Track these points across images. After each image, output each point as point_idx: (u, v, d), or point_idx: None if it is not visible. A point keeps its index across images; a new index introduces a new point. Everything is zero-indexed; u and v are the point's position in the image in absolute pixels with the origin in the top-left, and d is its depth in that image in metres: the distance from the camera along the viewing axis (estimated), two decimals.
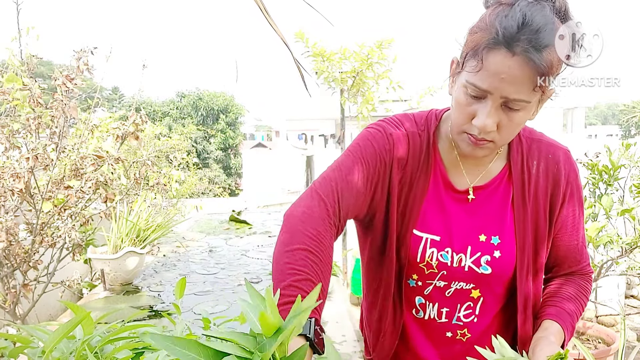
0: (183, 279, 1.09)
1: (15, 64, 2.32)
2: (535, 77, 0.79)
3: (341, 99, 4.23)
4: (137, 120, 2.58)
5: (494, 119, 0.83)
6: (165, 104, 27.71)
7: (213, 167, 25.59)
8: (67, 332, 0.68)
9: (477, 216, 0.97)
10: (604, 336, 2.99)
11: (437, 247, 0.96)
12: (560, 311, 0.97)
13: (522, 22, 0.77)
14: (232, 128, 27.80)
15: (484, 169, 0.99)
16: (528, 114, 0.85)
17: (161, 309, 3.57)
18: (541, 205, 0.97)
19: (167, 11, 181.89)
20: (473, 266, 0.96)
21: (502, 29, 0.78)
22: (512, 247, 0.96)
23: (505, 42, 0.78)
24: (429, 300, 1.00)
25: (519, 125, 0.87)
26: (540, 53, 0.77)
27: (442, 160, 0.99)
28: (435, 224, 0.97)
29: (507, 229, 0.97)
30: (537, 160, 0.98)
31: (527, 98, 0.81)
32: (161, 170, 5.47)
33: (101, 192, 2.40)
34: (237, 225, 7.39)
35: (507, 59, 0.78)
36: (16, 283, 2.31)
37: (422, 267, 0.98)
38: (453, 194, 0.98)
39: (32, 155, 2.04)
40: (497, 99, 0.82)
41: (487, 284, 0.97)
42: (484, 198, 0.98)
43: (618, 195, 2.77)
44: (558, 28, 0.80)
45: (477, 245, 0.96)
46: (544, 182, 0.97)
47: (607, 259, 2.61)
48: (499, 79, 0.79)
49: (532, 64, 0.77)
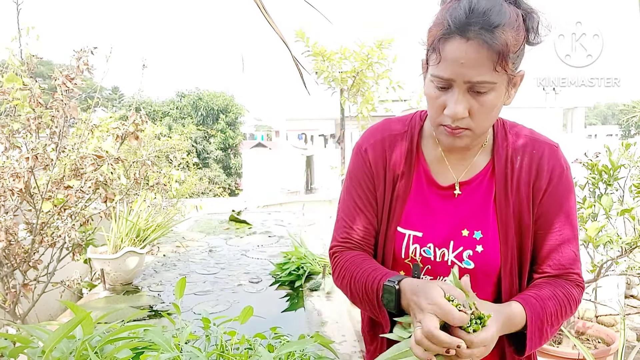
0: (183, 278, 1.09)
1: (15, 64, 2.32)
2: (492, 56, 0.82)
3: (341, 99, 4.23)
4: (137, 120, 2.58)
5: (464, 105, 0.86)
6: (165, 104, 27.70)
7: (213, 167, 25.59)
8: (66, 332, 0.68)
9: (460, 211, 1.00)
10: (604, 336, 2.99)
11: (420, 243, 1.00)
12: (527, 297, 0.94)
13: (469, 9, 0.83)
14: (232, 128, 27.79)
15: (469, 163, 1.01)
16: (498, 97, 0.88)
17: (161, 308, 3.57)
18: (524, 199, 0.98)
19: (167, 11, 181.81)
20: (456, 260, 0.98)
21: (452, 19, 0.83)
22: (495, 242, 0.98)
23: (457, 29, 0.83)
24: None
25: (492, 109, 0.89)
26: (493, 33, 0.81)
27: (425, 159, 1.04)
28: (418, 221, 1.01)
29: (490, 224, 0.98)
30: (521, 156, 1.00)
31: (491, 79, 0.84)
32: (161, 170, 5.47)
33: (101, 192, 2.40)
34: (237, 225, 7.39)
35: (462, 44, 0.83)
36: (16, 283, 2.31)
37: (407, 262, 1.02)
38: (437, 190, 1.02)
39: (32, 155, 2.04)
40: (462, 84, 0.85)
41: (473, 280, 0.95)
42: (468, 193, 1.01)
43: (618, 195, 2.77)
44: (506, 9, 0.84)
45: (460, 240, 0.98)
46: (526, 176, 0.99)
47: (606, 258, 2.61)
48: (459, 65, 0.83)
49: (486, 45, 0.81)
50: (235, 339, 1.35)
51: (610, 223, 2.57)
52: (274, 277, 4.28)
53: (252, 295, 3.92)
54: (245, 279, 4.28)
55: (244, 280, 4.24)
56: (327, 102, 7.36)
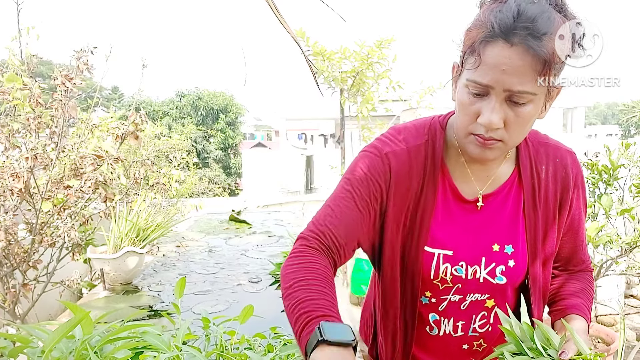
0: (183, 278, 1.09)
1: (15, 64, 2.32)
2: (537, 65, 0.77)
3: (341, 99, 4.23)
4: (136, 120, 2.57)
5: (500, 115, 0.80)
6: (164, 104, 27.66)
7: (213, 167, 25.57)
8: (66, 332, 0.68)
9: (488, 225, 0.95)
10: (604, 336, 2.99)
11: (451, 262, 0.93)
12: (577, 304, 0.97)
13: (517, 13, 0.76)
14: (231, 128, 27.76)
15: (493, 174, 0.95)
16: (536, 110, 0.82)
17: (161, 308, 3.57)
18: (551, 209, 0.96)
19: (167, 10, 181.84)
20: (488, 277, 0.94)
21: (497, 22, 0.77)
22: (524, 255, 0.95)
23: (502, 33, 0.76)
24: (443, 316, 0.98)
25: (528, 122, 0.83)
26: (540, 40, 0.76)
27: (449, 170, 0.96)
28: (447, 238, 0.94)
29: (519, 236, 0.95)
30: (546, 165, 0.96)
31: (532, 90, 0.78)
32: (161, 170, 5.46)
33: (101, 192, 2.40)
34: (236, 225, 7.39)
35: (506, 49, 0.76)
36: (16, 283, 2.31)
37: (436, 283, 0.95)
38: (462, 204, 0.95)
39: (31, 154, 2.04)
40: (501, 93, 0.79)
41: (502, 293, 0.96)
42: (494, 206, 0.95)
43: (618, 195, 2.77)
44: (555, 17, 0.78)
45: (491, 255, 0.94)
46: (553, 186, 0.96)
47: (606, 258, 2.61)
48: (500, 72, 0.77)
49: (532, 52, 0.75)
50: (235, 338, 1.35)
51: (610, 223, 2.57)
52: (274, 276, 4.28)
53: (252, 295, 3.92)
54: (244, 279, 4.29)
55: (243, 280, 4.25)
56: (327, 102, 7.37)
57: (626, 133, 37.12)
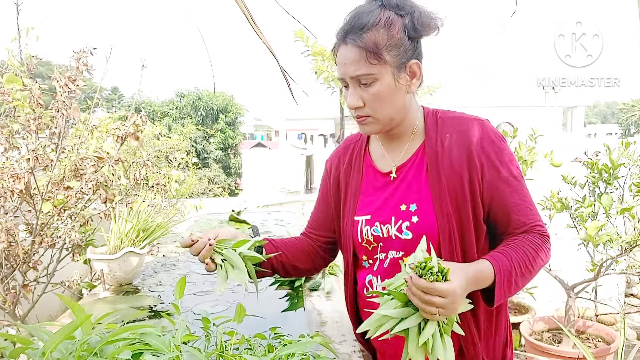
0: (183, 278, 1.09)
1: (15, 65, 2.32)
2: (363, 52, 1.00)
3: (341, 99, 4.22)
4: (137, 121, 2.58)
5: (355, 97, 1.04)
6: (164, 104, 27.66)
7: (213, 167, 25.57)
8: (68, 333, 0.68)
9: (399, 190, 1.12)
10: (604, 335, 2.99)
11: (370, 224, 1.13)
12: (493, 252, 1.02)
13: (347, 19, 1.03)
14: (231, 128, 27.76)
15: (404, 149, 1.15)
16: (387, 86, 1.03)
17: (161, 309, 3.56)
18: (457, 172, 1.06)
19: (167, 11, 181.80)
20: (397, 233, 1.10)
21: (338, 32, 1.05)
22: (430, 212, 1.06)
23: (339, 39, 1.05)
24: (374, 275, 1.15)
25: (382, 96, 1.03)
26: (361, 35, 1.00)
27: (371, 154, 1.21)
28: (367, 206, 1.16)
29: (424, 196, 1.08)
30: (450, 134, 1.10)
31: (368, 71, 1.01)
32: (161, 170, 5.46)
33: (101, 193, 2.40)
34: (236, 225, 7.38)
35: (343, 48, 1.04)
36: (16, 284, 2.31)
37: (364, 245, 1.15)
38: (381, 177, 1.16)
39: (32, 156, 2.04)
40: (350, 80, 1.04)
41: (413, 248, 1.02)
42: (403, 174, 1.13)
43: (618, 194, 2.77)
44: (375, 12, 1.00)
45: (399, 214, 1.10)
46: (457, 151, 1.08)
47: (606, 257, 2.61)
48: (343, 65, 1.04)
49: (356, 44, 1.00)
50: (234, 339, 1.35)
51: (610, 222, 2.57)
52: (274, 276, 4.28)
53: (252, 295, 3.92)
54: None
55: None
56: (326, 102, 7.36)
57: (626, 132, 37.11)
